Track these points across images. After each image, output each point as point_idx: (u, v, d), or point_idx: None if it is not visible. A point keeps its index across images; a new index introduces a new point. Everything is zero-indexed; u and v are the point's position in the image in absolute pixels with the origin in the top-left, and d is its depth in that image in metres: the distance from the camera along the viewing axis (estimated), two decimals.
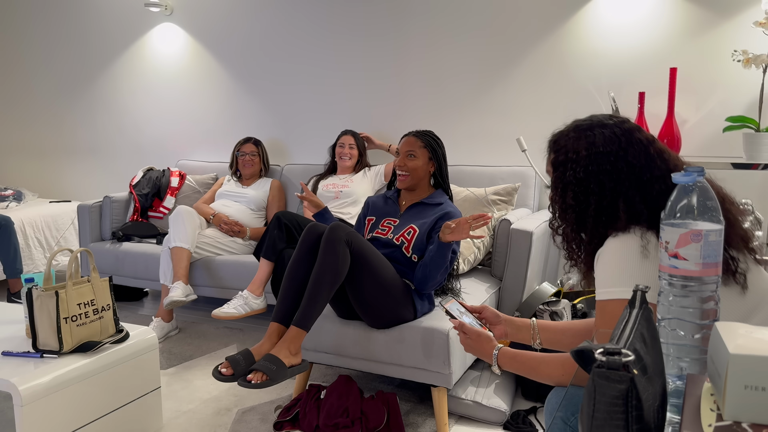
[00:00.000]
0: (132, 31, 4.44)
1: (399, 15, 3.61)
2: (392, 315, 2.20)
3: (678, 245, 0.90)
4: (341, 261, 2.05)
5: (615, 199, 1.26)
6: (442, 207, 2.39)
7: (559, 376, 1.31)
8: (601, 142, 1.29)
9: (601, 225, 1.28)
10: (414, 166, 2.42)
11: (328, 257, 2.04)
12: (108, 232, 3.79)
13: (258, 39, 4.03)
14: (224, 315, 2.81)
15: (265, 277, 2.93)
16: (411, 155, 2.43)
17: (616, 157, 1.27)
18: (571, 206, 1.32)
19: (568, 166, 1.32)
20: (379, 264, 2.17)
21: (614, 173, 1.27)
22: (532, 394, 2.45)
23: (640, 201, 1.24)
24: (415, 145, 2.44)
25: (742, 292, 1.17)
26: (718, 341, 0.74)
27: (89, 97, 4.69)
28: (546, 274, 3.03)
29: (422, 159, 2.43)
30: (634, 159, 1.27)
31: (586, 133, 1.32)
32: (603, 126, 1.32)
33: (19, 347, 2.03)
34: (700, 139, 2.99)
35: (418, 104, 3.62)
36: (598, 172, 1.28)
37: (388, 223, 2.44)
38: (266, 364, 1.95)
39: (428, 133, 2.48)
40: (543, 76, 3.29)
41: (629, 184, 1.26)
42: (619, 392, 0.65)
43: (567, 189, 1.32)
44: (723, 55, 2.91)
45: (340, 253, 2.05)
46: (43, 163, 4.99)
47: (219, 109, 4.23)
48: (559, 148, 1.36)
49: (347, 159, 3.48)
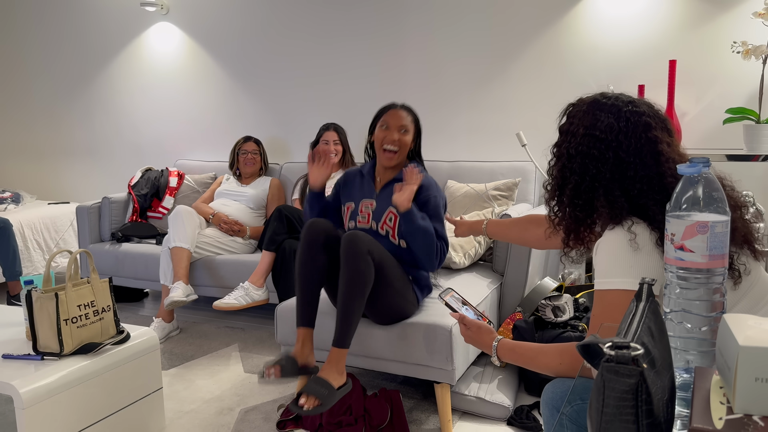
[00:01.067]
0: (128, 30, 4.42)
1: (397, 10, 3.59)
2: (399, 312, 2.19)
3: (684, 237, 0.89)
4: (367, 274, 1.97)
5: (593, 186, 1.27)
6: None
7: (557, 366, 1.32)
8: (601, 127, 1.28)
9: (578, 208, 1.30)
10: (405, 142, 2.27)
11: (355, 272, 1.95)
12: (107, 233, 3.78)
13: (255, 37, 4.01)
14: (225, 306, 2.80)
15: (266, 269, 2.93)
16: (404, 130, 2.27)
17: (607, 146, 1.27)
18: (555, 177, 1.35)
19: (566, 138, 1.34)
20: (392, 268, 2.11)
21: (599, 161, 1.27)
22: (535, 390, 2.44)
23: (620, 195, 1.24)
24: (407, 120, 2.29)
25: (734, 287, 1.17)
26: (727, 333, 0.73)
27: (87, 97, 4.67)
28: (547, 269, 3.02)
29: (411, 135, 2.30)
30: (625, 154, 1.26)
31: (595, 113, 1.31)
32: (611, 111, 1.30)
33: (20, 350, 2.02)
34: (700, 131, 2.98)
35: (416, 100, 3.60)
36: (585, 154, 1.28)
37: (366, 207, 2.29)
38: (317, 388, 1.90)
39: (410, 107, 2.36)
40: (542, 70, 3.28)
41: (611, 176, 1.26)
42: (629, 386, 0.64)
43: (558, 159, 1.35)
44: (722, 47, 2.89)
45: (366, 265, 1.97)
46: (41, 164, 4.98)
47: (217, 108, 4.21)
48: (569, 116, 1.37)
49: (332, 156, 3.29)
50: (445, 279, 2.63)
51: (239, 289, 2.88)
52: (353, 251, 1.96)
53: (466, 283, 2.58)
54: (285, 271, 2.88)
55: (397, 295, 2.14)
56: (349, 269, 1.96)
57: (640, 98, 1.36)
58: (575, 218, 1.32)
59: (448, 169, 3.31)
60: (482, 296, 2.48)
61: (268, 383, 1.92)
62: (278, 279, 2.96)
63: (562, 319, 2.48)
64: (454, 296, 1.66)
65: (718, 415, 0.68)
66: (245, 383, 2.64)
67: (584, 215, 1.30)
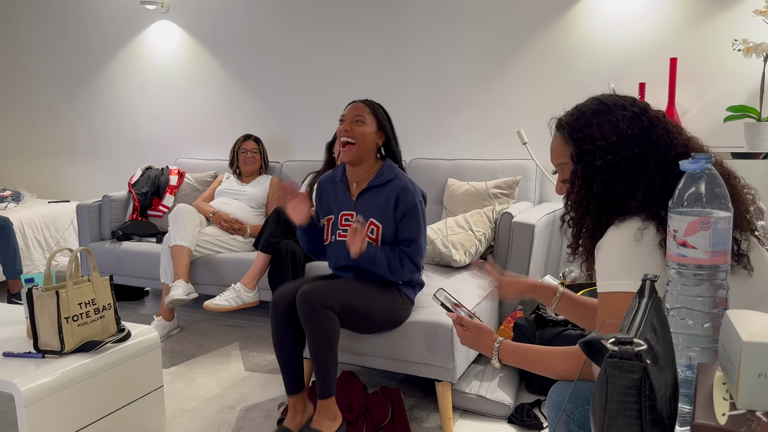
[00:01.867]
0: (128, 29, 4.42)
1: (397, 8, 3.59)
2: (393, 321, 2.18)
3: (687, 233, 0.88)
4: (330, 328, 1.94)
5: (637, 182, 1.21)
6: (394, 183, 2.14)
7: (565, 371, 1.28)
8: (626, 124, 1.23)
9: (616, 209, 1.22)
10: (362, 132, 2.14)
11: (317, 332, 1.93)
12: (107, 232, 3.78)
13: (255, 35, 4.01)
14: (215, 307, 2.80)
15: (259, 271, 2.93)
16: (359, 120, 2.15)
17: (644, 138, 1.22)
18: (596, 195, 1.24)
19: (597, 155, 1.24)
20: (363, 297, 2.06)
21: (642, 156, 1.21)
22: (536, 388, 2.44)
23: (659, 184, 1.20)
24: (363, 110, 2.17)
25: (749, 275, 1.15)
26: (730, 329, 0.73)
27: (87, 96, 4.67)
28: (548, 267, 3.02)
29: (371, 126, 2.16)
30: (659, 138, 1.23)
31: (608, 117, 1.25)
32: (622, 108, 1.26)
33: (21, 348, 2.02)
34: (701, 129, 2.97)
35: (416, 97, 3.60)
36: (629, 157, 1.22)
37: (346, 219, 2.19)
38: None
39: (376, 102, 2.24)
40: (542, 68, 3.28)
41: (654, 165, 1.21)
42: (632, 382, 0.64)
43: (594, 178, 1.24)
44: (723, 45, 2.89)
45: (326, 321, 1.94)
46: (41, 163, 4.97)
47: (217, 107, 4.21)
48: (581, 138, 1.27)
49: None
50: (446, 277, 2.63)
51: (231, 291, 2.88)
52: (309, 312, 1.93)
53: (466, 282, 2.57)
54: (281, 272, 2.87)
55: (383, 311, 2.12)
56: (311, 331, 1.94)
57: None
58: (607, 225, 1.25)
59: (448, 167, 3.31)
60: (483, 294, 2.48)
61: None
62: (274, 279, 2.96)
63: (562, 318, 2.47)
64: (447, 296, 1.61)
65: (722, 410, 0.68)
66: (246, 381, 2.64)
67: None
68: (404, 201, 2.11)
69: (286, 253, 2.86)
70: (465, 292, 2.45)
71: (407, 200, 2.11)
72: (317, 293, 1.95)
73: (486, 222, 2.85)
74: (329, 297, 1.97)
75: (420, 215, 2.13)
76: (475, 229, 2.81)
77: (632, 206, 1.21)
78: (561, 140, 1.32)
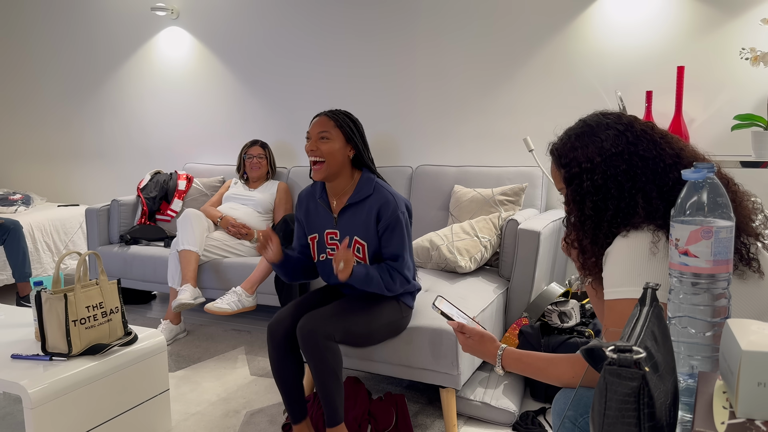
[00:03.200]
0: (139, 34, 4.46)
1: (405, 16, 3.61)
2: (395, 331, 2.19)
3: (688, 242, 0.89)
4: (332, 359, 1.93)
5: (633, 197, 1.23)
6: (374, 198, 2.07)
7: (570, 378, 1.28)
8: (610, 143, 1.26)
9: (614, 225, 1.25)
10: (329, 149, 2.05)
11: (320, 363, 1.91)
12: (116, 236, 3.81)
13: (264, 41, 4.04)
14: (217, 310, 2.83)
15: (261, 277, 2.96)
16: (324, 137, 2.06)
17: (629, 153, 1.25)
18: (590, 216, 1.27)
19: (584, 177, 1.27)
20: (362, 318, 2.04)
21: (630, 171, 1.24)
22: (540, 395, 2.44)
23: (657, 196, 1.22)
24: (328, 125, 2.07)
25: (761, 278, 1.14)
26: (730, 338, 0.74)
27: (97, 100, 4.71)
28: (554, 275, 3.01)
29: (338, 141, 2.06)
30: (645, 151, 1.24)
31: (592, 138, 1.28)
32: (606, 127, 1.29)
33: (29, 350, 2.04)
34: (708, 137, 2.97)
35: (424, 104, 3.61)
36: (616, 174, 1.24)
37: (331, 237, 2.14)
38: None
39: (342, 111, 2.13)
40: (550, 75, 3.28)
41: (645, 179, 1.23)
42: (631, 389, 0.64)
43: (585, 200, 1.27)
44: (731, 53, 2.89)
45: (328, 352, 1.92)
46: (51, 167, 5.02)
47: (225, 112, 4.24)
48: (568, 162, 1.31)
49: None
50: (451, 283, 2.63)
51: (232, 294, 2.90)
52: (311, 347, 1.91)
53: (471, 288, 2.58)
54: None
55: (384, 326, 2.12)
56: (314, 365, 1.92)
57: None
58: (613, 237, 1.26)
59: (455, 173, 3.31)
60: (488, 301, 2.48)
61: None
62: (281, 285, 2.97)
63: (568, 325, 2.47)
64: (446, 303, 1.60)
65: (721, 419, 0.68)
66: (251, 386, 2.65)
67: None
68: (386, 215, 2.05)
69: None
70: (470, 297, 2.45)
71: (388, 214, 2.04)
72: (317, 324, 1.93)
73: (492, 229, 2.86)
74: (329, 326, 1.95)
75: (403, 228, 2.06)
76: (481, 235, 2.82)
77: (636, 221, 1.22)
78: (554, 166, 1.37)
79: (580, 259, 1.33)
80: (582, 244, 1.31)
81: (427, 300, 2.35)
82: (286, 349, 2.04)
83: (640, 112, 2.99)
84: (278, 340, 2.04)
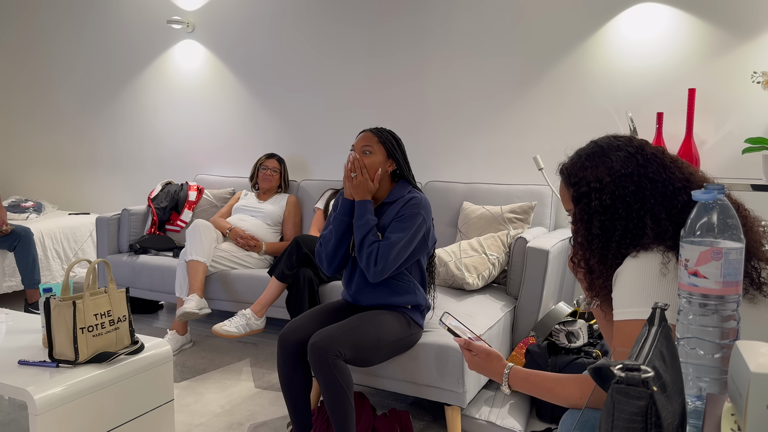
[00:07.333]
0: (154, 47, 4.52)
1: (418, 34, 3.64)
2: (405, 347, 2.18)
3: (698, 263, 0.89)
4: (342, 377, 1.92)
5: (642, 219, 1.23)
6: (406, 197, 2.15)
7: (577, 399, 1.27)
8: (620, 164, 1.27)
9: (623, 246, 1.25)
10: (370, 163, 2.16)
11: (330, 381, 1.90)
12: (125, 245, 3.83)
13: (277, 56, 4.08)
14: (225, 333, 2.80)
15: (270, 299, 2.92)
16: (367, 151, 2.17)
17: (639, 175, 1.25)
18: (597, 236, 1.27)
19: (593, 196, 1.28)
20: (373, 335, 2.04)
21: (639, 193, 1.24)
22: (547, 416, 2.42)
23: (666, 217, 1.22)
24: (372, 140, 2.19)
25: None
26: (739, 360, 0.73)
27: (111, 110, 4.77)
28: (562, 294, 3.00)
29: (380, 155, 2.18)
30: (655, 174, 1.25)
31: (603, 159, 1.29)
32: (617, 149, 1.29)
33: (36, 356, 2.05)
34: (718, 160, 2.96)
35: (435, 121, 3.63)
36: (624, 195, 1.25)
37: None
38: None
39: (386, 129, 2.25)
40: (561, 95, 3.29)
41: (654, 201, 1.23)
42: (639, 408, 0.64)
43: (592, 219, 1.27)
44: (742, 77, 2.89)
45: (338, 370, 1.91)
46: (63, 175, 5.07)
47: (238, 125, 4.27)
48: (577, 181, 1.31)
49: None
50: (459, 300, 2.62)
51: (240, 317, 2.88)
52: (320, 364, 1.91)
53: (478, 306, 2.57)
54: (299, 299, 2.90)
55: (393, 344, 2.11)
56: (324, 383, 1.92)
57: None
58: (622, 258, 1.26)
59: (464, 190, 3.32)
60: (495, 319, 2.47)
61: None
62: (292, 305, 2.96)
63: (576, 345, 2.46)
64: (453, 320, 1.58)
65: None
66: (255, 398, 2.64)
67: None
68: (407, 207, 2.11)
69: (304, 281, 2.89)
70: (477, 315, 2.44)
71: (409, 207, 2.11)
72: (328, 343, 1.93)
73: (500, 246, 2.85)
74: (339, 344, 1.94)
75: (413, 224, 2.08)
76: (489, 252, 2.81)
77: (645, 242, 1.22)
78: (563, 186, 1.37)
79: (587, 279, 1.33)
80: (589, 264, 1.30)
81: (434, 317, 2.35)
82: (295, 360, 2.05)
83: (650, 133, 2.99)
84: (289, 351, 2.05)
